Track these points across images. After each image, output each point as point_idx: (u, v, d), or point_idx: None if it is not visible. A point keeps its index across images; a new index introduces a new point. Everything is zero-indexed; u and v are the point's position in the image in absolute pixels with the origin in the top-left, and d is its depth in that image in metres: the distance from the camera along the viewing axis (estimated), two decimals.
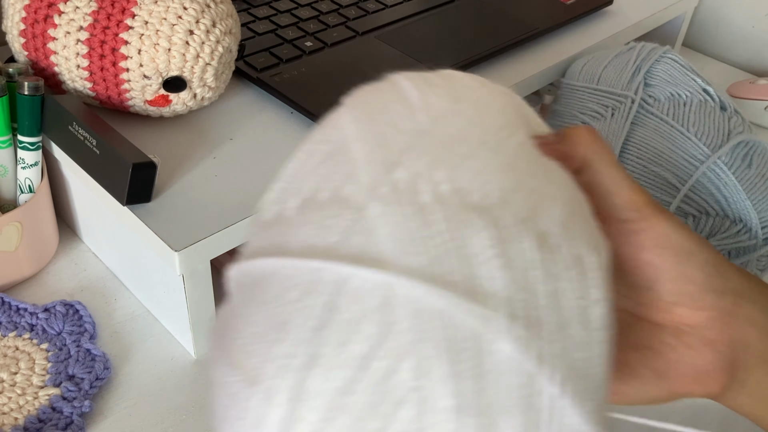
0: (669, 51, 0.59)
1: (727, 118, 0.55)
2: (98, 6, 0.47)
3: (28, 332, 0.48)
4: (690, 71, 0.58)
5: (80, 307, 0.49)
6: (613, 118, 0.55)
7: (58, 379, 0.45)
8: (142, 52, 0.47)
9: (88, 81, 0.48)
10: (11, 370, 0.45)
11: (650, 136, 0.53)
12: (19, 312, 0.49)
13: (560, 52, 0.65)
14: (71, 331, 0.48)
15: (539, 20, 0.67)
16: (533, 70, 0.62)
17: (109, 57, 0.47)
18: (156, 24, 0.47)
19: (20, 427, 0.42)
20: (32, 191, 0.50)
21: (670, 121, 0.53)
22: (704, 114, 0.55)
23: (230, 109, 0.55)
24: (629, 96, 0.56)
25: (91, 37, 0.47)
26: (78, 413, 0.43)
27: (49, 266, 0.54)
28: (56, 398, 0.44)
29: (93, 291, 0.52)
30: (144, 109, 0.50)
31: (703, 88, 0.57)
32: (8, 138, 0.49)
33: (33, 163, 0.50)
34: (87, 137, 0.45)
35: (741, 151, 0.53)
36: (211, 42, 0.48)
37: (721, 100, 0.56)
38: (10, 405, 0.44)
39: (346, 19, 0.64)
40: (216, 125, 0.53)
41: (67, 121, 0.47)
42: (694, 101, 0.55)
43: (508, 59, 0.63)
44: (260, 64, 0.57)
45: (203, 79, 0.49)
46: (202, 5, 0.48)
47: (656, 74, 0.57)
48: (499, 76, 0.61)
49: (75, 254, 0.55)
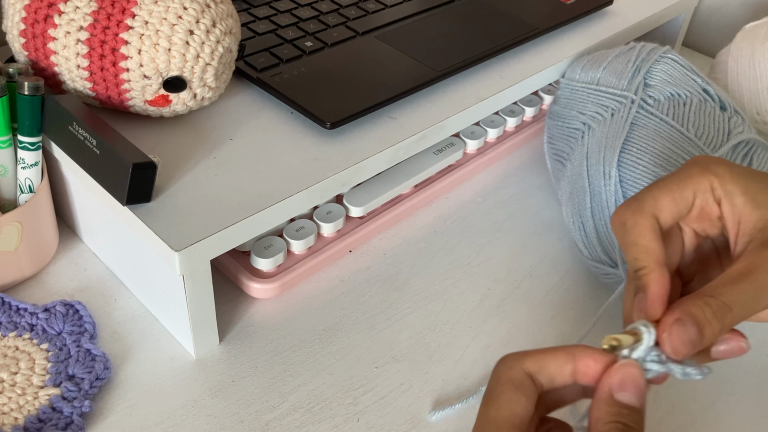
0: (669, 51, 0.59)
1: (727, 118, 0.55)
2: (98, 6, 0.47)
3: (28, 332, 0.48)
4: (690, 71, 0.58)
5: (80, 307, 0.49)
6: (613, 118, 0.55)
7: (58, 379, 0.45)
8: (142, 52, 0.47)
9: (88, 81, 0.48)
10: (11, 370, 0.45)
11: (650, 136, 0.53)
12: (19, 312, 0.49)
13: (560, 52, 0.65)
14: (71, 331, 0.48)
15: (539, 20, 0.67)
16: (533, 70, 0.62)
17: (109, 57, 0.47)
18: (156, 24, 0.47)
19: (20, 427, 0.43)
20: (32, 191, 0.50)
21: (670, 121, 0.53)
22: (704, 114, 0.55)
23: (230, 109, 0.55)
24: (629, 96, 0.56)
25: (91, 37, 0.47)
26: (78, 413, 0.43)
27: (49, 266, 0.54)
28: (56, 398, 0.44)
29: (93, 291, 0.52)
30: (144, 109, 0.50)
31: (703, 88, 0.57)
32: (8, 138, 0.49)
33: (33, 163, 0.50)
34: (87, 137, 0.45)
35: (741, 151, 0.53)
36: (211, 42, 0.48)
37: (721, 100, 0.56)
38: (10, 405, 0.44)
39: (346, 19, 0.64)
40: (216, 125, 0.53)
41: (67, 121, 0.47)
42: (694, 101, 0.55)
43: (508, 59, 0.63)
44: (260, 64, 0.57)
45: (203, 79, 0.49)
46: (202, 5, 0.48)
47: (656, 74, 0.57)
48: (499, 76, 0.61)
49: (75, 254, 0.55)
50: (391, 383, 0.48)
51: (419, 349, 0.50)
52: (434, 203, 0.63)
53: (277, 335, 0.50)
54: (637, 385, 0.31)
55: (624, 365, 0.32)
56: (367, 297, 0.54)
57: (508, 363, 0.32)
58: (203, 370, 0.48)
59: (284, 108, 0.55)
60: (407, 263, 0.57)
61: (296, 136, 0.52)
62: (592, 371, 0.32)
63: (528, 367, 0.32)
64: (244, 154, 0.50)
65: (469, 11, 0.68)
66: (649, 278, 0.35)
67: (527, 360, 0.32)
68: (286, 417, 0.45)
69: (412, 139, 0.53)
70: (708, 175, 0.37)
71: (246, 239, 0.46)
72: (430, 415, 0.46)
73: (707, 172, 0.37)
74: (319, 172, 0.49)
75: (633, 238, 0.36)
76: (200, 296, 0.46)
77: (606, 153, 0.53)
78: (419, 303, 0.53)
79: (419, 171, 0.60)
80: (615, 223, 0.38)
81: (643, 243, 0.36)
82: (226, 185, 0.47)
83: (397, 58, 0.60)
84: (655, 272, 0.35)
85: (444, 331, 0.52)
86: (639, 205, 0.37)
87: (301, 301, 0.53)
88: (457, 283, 0.55)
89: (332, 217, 0.55)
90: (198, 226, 0.44)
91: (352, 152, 0.51)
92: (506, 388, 0.31)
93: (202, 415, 0.45)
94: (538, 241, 0.60)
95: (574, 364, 0.32)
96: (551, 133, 0.62)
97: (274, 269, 0.53)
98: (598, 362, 0.32)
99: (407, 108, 0.56)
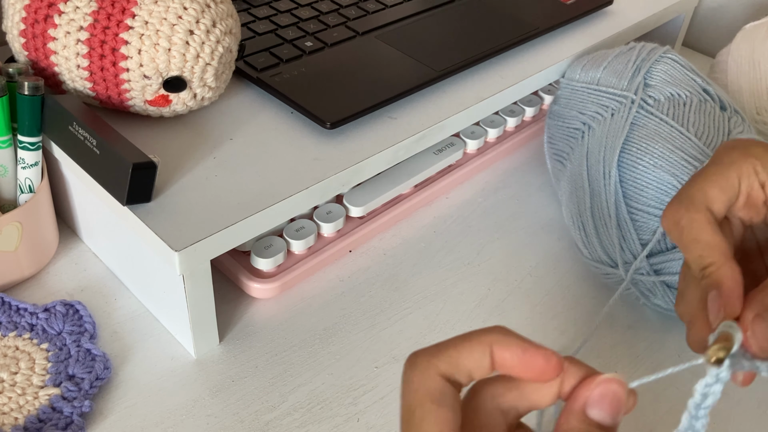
0: (669, 51, 0.59)
1: (727, 118, 0.55)
2: (98, 6, 0.47)
3: (28, 332, 0.48)
4: (690, 71, 0.58)
5: (80, 307, 0.49)
6: (613, 118, 0.55)
7: (58, 379, 0.45)
8: (142, 52, 0.47)
9: (88, 81, 0.48)
10: (11, 370, 0.45)
11: (650, 136, 0.53)
12: (19, 312, 0.49)
13: (560, 52, 0.65)
14: (71, 331, 0.48)
15: (539, 20, 0.67)
16: (533, 70, 0.62)
17: (109, 57, 0.47)
18: (156, 24, 0.47)
19: (20, 427, 0.43)
20: (32, 191, 0.50)
21: (670, 121, 0.53)
22: (704, 114, 0.55)
23: (230, 109, 0.55)
24: (629, 96, 0.56)
25: (91, 37, 0.47)
26: (78, 413, 0.43)
27: (49, 266, 0.54)
28: (56, 398, 0.44)
29: (93, 291, 0.52)
30: (144, 109, 0.50)
31: (703, 88, 0.57)
32: (8, 138, 0.49)
33: (33, 163, 0.50)
34: (87, 137, 0.45)
35: None
36: (211, 42, 0.48)
37: (721, 100, 0.56)
38: (10, 405, 0.44)
39: (346, 19, 0.64)
40: (216, 125, 0.53)
41: (67, 121, 0.47)
42: (694, 101, 0.55)
43: (508, 59, 0.63)
44: (260, 64, 0.57)
45: (203, 79, 0.49)
46: (202, 5, 0.48)
47: (656, 74, 0.57)
48: (499, 77, 0.61)
49: (75, 254, 0.55)
50: (391, 383, 0.48)
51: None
52: (434, 203, 0.63)
53: (277, 335, 0.50)
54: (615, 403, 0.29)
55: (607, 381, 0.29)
56: (367, 297, 0.54)
57: (419, 370, 0.29)
58: (203, 370, 0.48)
59: (284, 108, 0.55)
60: (407, 263, 0.57)
61: (296, 136, 0.52)
62: (508, 363, 0.29)
63: (443, 371, 0.29)
64: (244, 154, 0.50)
65: (469, 11, 0.68)
66: (720, 274, 0.33)
67: (441, 363, 0.29)
68: (286, 417, 0.45)
69: (411, 139, 0.53)
70: (749, 158, 0.35)
71: (246, 239, 0.46)
72: None
73: (748, 155, 0.35)
74: (319, 172, 0.49)
75: (693, 235, 0.34)
76: (200, 296, 0.46)
77: (606, 153, 0.53)
78: (419, 303, 0.53)
79: (419, 171, 0.60)
80: (668, 224, 0.36)
81: (706, 239, 0.34)
82: (226, 185, 0.47)
83: (397, 58, 0.60)
84: (726, 266, 0.33)
85: (444, 331, 0.52)
86: (690, 200, 0.35)
87: (301, 301, 0.53)
88: (457, 283, 0.55)
89: (332, 217, 0.55)
90: (198, 226, 0.44)
91: (352, 152, 0.51)
92: (427, 407, 0.28)
93: (202, 415, 0.45)
94: (538, 241, 0.60)
95: (492, 358, 0.29)
96: (551, 133, 0.62)
97: (274, 269, 0.53)
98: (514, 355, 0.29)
99: (407, 108, 0.56)
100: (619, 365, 0.50)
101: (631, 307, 0.54)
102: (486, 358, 0.29)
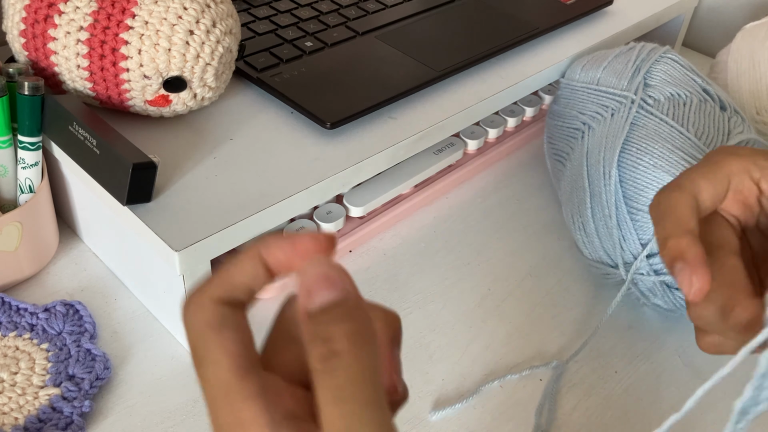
0: (669, 51, 0.59)
1: (727, 118, 0.55)
2: (98, 6, 0.47)
3: (28, 332, 0.48)
4: (690, 71, 0.58)
5: (80, 307, 0.49)
6: (613, 118, 0.55)
7: (58, 379, 0.45)
8: (142, 52, 0.47)
9: (88, 81, 0.48)
10: (11, 370, 0.45)
11: (650, 136, 0.53)
12: (19, 312, 0.49)
13: (560, 52, 0.65)
14: (71, 331, 0.48)
15: (539, 20, 0.67)
16: (533, 70, 0.62)
17: (109, 57, 0.47)
18: (156, 24, 0.47)
19: (20, 427, 0.43)
20: (32, 191, 0.50)
21: (670, 121, 0.53)
22: (704, 114, 0.55)
23: (230, 109, 0.55)
24: (629, 96, 0.56)
25: (91, 37, 0.47)
26: (78, 413, 0.43)
27: (49, 266, 0.54)
28: (56, 398, 0.44)
29: (93, 291, 0.52)
30: (144, 109, 0.50)
31: (703, 88, 0.57)
32: (8, 138, 0.49)
33: (33, 163, 0.50)
34: (87, 137, 0.45)
35: None
36: (211, 42, 0.48)
37: (721, 100, 0.56)
38: (10, 405, 0.44)
39: (346, 19, 0.64)
40: (216, 125, 0.53)
41: (67, 121, 0.47)
42: (694, 101, 0.55)
43: (508, 59, 0.63)
44: (260, 64, 0.57)
45: (203, 79, 0.49)
46: (202, 5, 0.48)
47: (656, 74, 0.57)
48: (499, 77, 0.61)
49: (75, 254, 0.55)
50: None
51: (419, 349, 0.50)
52: (434, 203, 0.63)
53: None
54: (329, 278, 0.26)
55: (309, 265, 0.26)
56: (367, 297, 0.54)
57: (193, 307, 0.26)
58: None
59: (284, 108, 0.55)
60: (407, 263, 0.57)
61: (296, 136, 0.52)
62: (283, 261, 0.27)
63: (218, 296, 0.26)
64: (244, 154, 0.50)
65: (469, 11, 0.68)
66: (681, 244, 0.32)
67: (212, 290, 0.26)
68: None
69: (411, 139, 0.53)
70: (737, 158, 0.36)
71: (246, 239, 0.46)
72: (430, 415, 0.46)
73: (735, 156, 0.36)
74: (319, 172, 0.49)
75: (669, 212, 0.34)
76: None
77: (606, 153, 0.53)
78: (419, 303, 0.53)
79: (419, 171, 0.60)
80: (651, 206, 0.36)
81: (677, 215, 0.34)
82: (226, 185, 0.47)
83: (397, 58, 0.60)
84: (686, 238, 0.32)
85: (444, 331, 0.52)
86: (677, 185, 0.35)
87: None
88: (457, 283, 0.55)
89: (332, 217, 0.55)
90: (198, 226, 0.44)
91: (352, 152, 0.51)
92: (208, 336, 0.26)
93: (202, 415, 0.45)
94: (538, 241, 0.60)
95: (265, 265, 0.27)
96: (551, 133, 0.62)
97: None
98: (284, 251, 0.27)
99: (407, 108, 0.56)
100: (619, 365, 0.50)
101: (631, 307, 0.54)
102: (259, 267, 0.27)
